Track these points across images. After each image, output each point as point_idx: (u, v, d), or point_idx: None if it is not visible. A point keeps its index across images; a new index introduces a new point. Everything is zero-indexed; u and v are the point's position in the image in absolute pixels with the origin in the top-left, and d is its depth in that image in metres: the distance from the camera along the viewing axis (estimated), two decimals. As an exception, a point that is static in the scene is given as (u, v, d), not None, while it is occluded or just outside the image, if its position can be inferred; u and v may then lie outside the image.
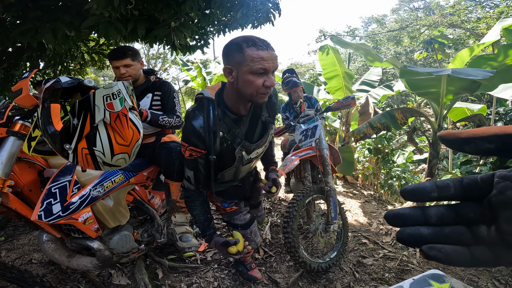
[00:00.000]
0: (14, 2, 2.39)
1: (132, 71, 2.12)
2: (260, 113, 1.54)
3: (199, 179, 1.54)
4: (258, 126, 1.55)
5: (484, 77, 2.06)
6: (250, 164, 1.66)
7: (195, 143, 1.41)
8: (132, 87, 0.96)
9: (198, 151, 1.44)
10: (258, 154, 1.62)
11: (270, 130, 1.59)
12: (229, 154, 1.50)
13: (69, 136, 0.88)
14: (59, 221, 1.45)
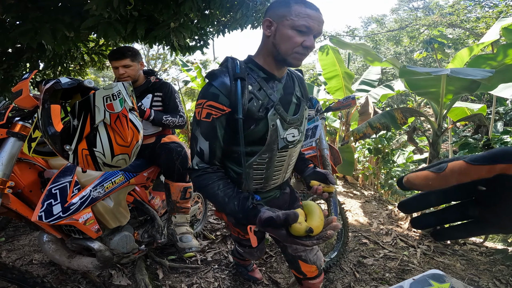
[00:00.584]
0: (14, 3, 2.39)
1: (131, 72, 2.12)
2: (293, 86, 1.27)
3: (215, 153, 1.12)
4: (292, 100, 1.24)
5: (484, 77, 2.06)
6: (285, 154, 1.25)
7: (215, 95, 1.06)
8: (132, 87, 0.96)
9: (219, 108, 1.06)
10: (294, 139, 1.25)
11: (304, 111, 1.28)
12: (260, 122, 1.13)
13: (69, 137, 0.88)
14: (60, 222, 1.45)
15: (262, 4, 3.11)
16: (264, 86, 1.16)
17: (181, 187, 2.04)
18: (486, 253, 2.78)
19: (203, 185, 1.10)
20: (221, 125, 1.09)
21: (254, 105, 1.11)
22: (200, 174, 1.11)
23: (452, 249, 2.83)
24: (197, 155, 1.12)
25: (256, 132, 1.14)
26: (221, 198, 1.05)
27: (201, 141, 1.11)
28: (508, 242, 3.14)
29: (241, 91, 1.07)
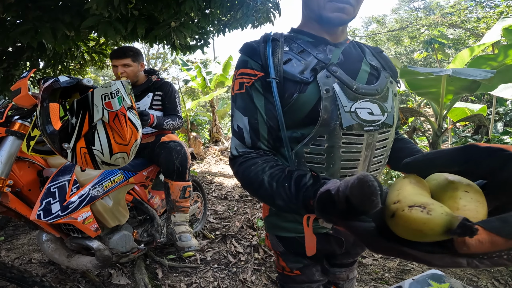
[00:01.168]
0: (14, 2, 2.39)
1: (130, 72, 2.12)
2: (363, 54, 0.93)
3: (258, 131, 0.82)
4: (362, 67, 0.89)
5: (485, 77, 2.06)
6: (358, 140, 0.82)
7: (244, 62, 0.85)
8: (130, 86, 0.96)
9: (250, 74, 0.83)
10: (374, 118, 0.84)
11: (389, 84, 0.90)
12: (306, 87, 0.80)
13: (67, 135, 0.88)
14: (58, 220, 1.45)
15: (262, 3, 3.11)
16: (309, 48, 0.87)
17: (180, 186, 2.04)
18: (485, 254, 2.77)
19: (246, 176, 0.76)
20: (259, 93, 0.82)
21: (294, 65, 0.82)
22: (242, 162, 0.79)
23: (452, 249, 2.83)
24: (235, 137, 0.84)
25: (303, 103, 0.80)
26: (267, 184, 0.70)
27: (239, 118, 0.84)
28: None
29: (272, 50, 0.83)
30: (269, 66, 0.81)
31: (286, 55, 0.84)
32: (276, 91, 0.79)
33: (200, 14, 2.90)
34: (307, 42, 0.88)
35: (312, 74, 0.80)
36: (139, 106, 2.19)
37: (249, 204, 3.94)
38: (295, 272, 1.03)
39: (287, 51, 0.85)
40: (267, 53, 0.82)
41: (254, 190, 0.75)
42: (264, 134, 0.82)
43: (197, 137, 7.21)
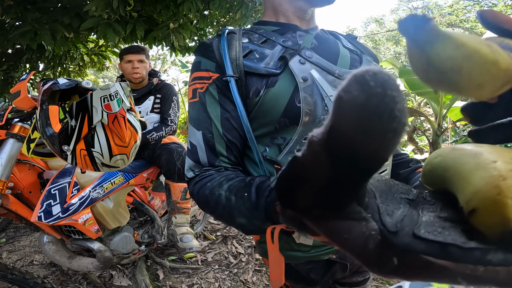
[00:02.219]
0: (13, 4, 2.39)
1: (143, 69, 2.15)
2: (338, 39, 0.80)
3: (213, 147, 0.66)
4: (341, 50, 0.75)
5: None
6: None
7: (197, 63, 0.71)
8: (129, 88, 0.96)
9: (203, 77, 0.69)
10: None
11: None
12: (276, 80, 0.65)
13: (67, 137, 0.88)
14: (59, 222, 1.45)
15: (261, 4, 3.11)
16: (273, 37, 0.72)
17: (181, 187, 2.04)
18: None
19: (201, 195, 0.61)
20: (214, 100, 0.67)
21: (256, 57, 0.68)
22: (197, 181, 0.64)
23: (453, 248, 2.83)
24: (189, 157, 0.68)
25: (274, 99, 0.65)
26: (225, 199, 0.56)
27: (192, 133, 0.69)
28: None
29: (228, 43, 0.69)
30: (225, 62, 0.66)
31: (245, 47, 0.69)
32: (237, 91, 0.65)
33: (199, 15, 2.91)
34: (271, 32, 0.74)
35: (281, 63, 0.66)
36: (140, 110, 2.19)
37: (249, 204, 3.94)
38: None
39: (246, 42, 0.70)
40: (221, 47, 0.68)
41: (211, 210, 0.60)
42: (221, 151, 0.66)
43: (197, 138, 7.21)
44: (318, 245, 0.73)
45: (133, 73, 2.11)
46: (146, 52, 2.16)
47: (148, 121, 2.22)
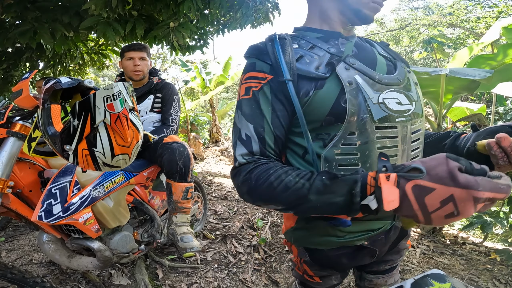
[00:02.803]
0: (13, 3, 2.39)
1: (145, 66, 2.16)
2: (373, 47, 0.90)
3: (264, 140, 0.76)
4: (378, 57, 0.85)
5: (482, 77, 2.06)
6: (392, 132, 0.78)
7: (251, 65, 0.80)
8: (132, 88, 0.96)
9: (258, 78, 0.78)
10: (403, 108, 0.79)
11: (408, 74, 0.87)
12: (324, 83, 0.75)
13: (69, 137, 0.88)
14: (60, 221, 1.45)
15: (262, 3, 3.11)
16: (319, 43, 0.81)
17: (183, 187, 2.04)
18: (485, 253, 2.78)
19: (260, 181, 0.69)
20: (266, 99, 0.76)
21: (307, 62, 0.77)
22: (253, 168, 0.72)
23: (452, 249, 2.84)
24: (243, 146, 0.76)
25: (322, 99, 0.74)
26: (294, 183, 0.66)
27: (245, 125, 0.77)
28: (508, 242, 3.14)
29: (281, 48, 0.77)
30: (281, 65, 0.75)
31: (296, 52, 0.78)
32: (294, 93, 0.74)
33: (199, 14, 2.90)
34: (316, 38, 0.83)
35: (329, 69, 0.75)
36: (140, 109, 2.19)
37: (249, 204, 3.94)
38: (315, 279, 1.00)
39: (297, 48, 0.79)
40: (276, 52, 0.77)
41: (273, 196, 0.68)
42: (270, 143, 0.76)
43: (197, 137, 7.21)
44: (353, 231, 0.83)
45: (134, 70, 2.10)
46: (147, 50, 2.17)
47: (148, 120, 2.21)
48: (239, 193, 0.77)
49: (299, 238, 0.91)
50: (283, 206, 0.69)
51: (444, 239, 3.05)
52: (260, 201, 0.72)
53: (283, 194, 0.67)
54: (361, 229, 0.83)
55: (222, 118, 12.85)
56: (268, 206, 0.74)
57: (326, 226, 0.80)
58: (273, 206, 0.72)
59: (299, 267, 1.03)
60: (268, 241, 2.83)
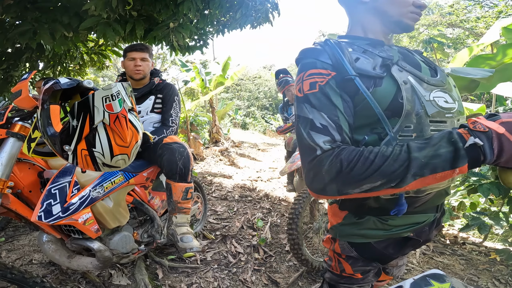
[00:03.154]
0: (13, 3, 2.39)
1: (146, 67, 2.16)
2: (411, 54, 0.99)
3: (341, 127, 0.80)
4: (420, 63, 0.95)
5: (483, 76, 2.06)
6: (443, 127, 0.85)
7: (312, 63, 0.86)
8: (131, 88, 0.96)
9: (322, 74, 0.83)
10: (450, 105, 0.88)
11: (447, 77, 0.96)
12: (381, 81, 0.84)
13: (68, 137, 0.88)
14: (59, 222, 1.45)
15: (261, 4, 3.11)
16: (370, 48, 0.91)
17: (182, 187, 2.04)
18: (485, 253, 2.78)
19: (352, 160, 0.71)
20: (335, 92, 0.81)
21: (364, 63, 0.85)
22: (338, 152, 0.74)
23: (452, 249, 2.84)
24: (322, 134, 0.78)
25: (381, 96, 0.82)
26: (390, 151, 0.69)
27: (317, 116, 0.80)
28: (508, 241, 3.14)
29: (341, 50, 0.85)
30: (344, 65, 0.82)
31: (353, 54, 0.86)
32: (363, 85, 0.81)
33: (199, 15, 2.90)
34: (366, 44, 0.92)
35: (384, 70, 0.84)
36: (140, 110, 2.19)
37: (249, 204, 3.95)
38: (356, 275, 1.05)
39: (352, 51, 0.87)
40: (337, 53, 0.84)
41: (373, 167, 0.69)
42: (346, 131, 0.80)
43: (197, 137, 7.21)
44: (400, 225, 0.91)
45: (135, 70, 2.11)
46: (149, 51, 2.17)
47: (148, 120, 2.22)
48: (319, 182, 0.76)
49: (345, 232, 0.98)
50: (383, 179, 0.68)
51: (444, 239, 3.06)
52: (353, 181, 0.71)
53: (383, 164, 0.68)
54: (407, 222, 0.92)
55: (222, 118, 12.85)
56: (360, 187, 0.71)
57: (375, 220, 0.91)
58: (368, 185, 0.70)
59: (335, 267, 1.08)
60: (268, 241, 2.83)
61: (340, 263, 1.06)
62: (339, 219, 1.00)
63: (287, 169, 2.58)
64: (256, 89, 26.39)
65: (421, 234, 0.96)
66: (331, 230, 1.05)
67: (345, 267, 1.05)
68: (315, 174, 0.77)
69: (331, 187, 0.74)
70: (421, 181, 0.67)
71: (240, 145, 10.17)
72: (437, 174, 0.65)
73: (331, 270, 1.11)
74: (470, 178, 2.82)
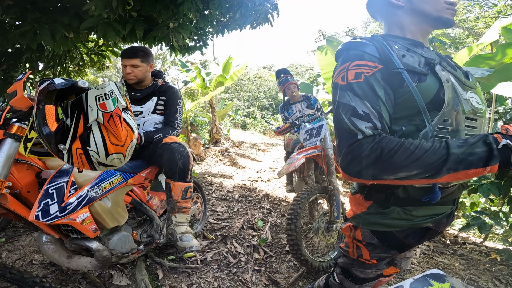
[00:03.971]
0: (13, 4, 2.40)
1: (139, 72, 2.14)
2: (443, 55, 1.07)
3: (382, 116, 0.85)
4: (455, 67, 1.03)
5: (483, 75, 2.06)
6: (474, 125, 0.94)
7: (359, 55, 0.90)
8: (125, 88, 0.96)
9: (368, 65, 0.88)
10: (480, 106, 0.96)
11: (475, 82, 1.05)
12: (426, 77, 0.91)
13: (63, 136, 0.89)
14: (57, 221, 1.45)
15: (261, 4, 3.11)
16: (413, 47, 0.97)
17: (182, 186, 2.05)
18: (485, 253, 2.77)
19: (393, 148, 0.77)
20: (379, 84, 0.87)
21: (410, 60, 0.91)
22: (380, 139, 0.80)
23: (452, 248, 2.83)
24: (362, 120, 0.83)
25: (424, 91, 0.88)
26: (430, 145, 0.76)
27: (360, 103, 0.85)
28: (508, 241, 3.14)
29: (389, 46, 0.91)
30: (393, 59, 0.88)
31: (399, 51, 0.92)
32: (410, 79, 0.87)
33: (199, 15, 2.90)
34: (407, 44, 0.98)
35: (428, 68, 0.92)
36: (142, 110, 2.20)
37: (249, 204, 3.94)
38: (372, 261, 1.12)
39: (398, 48, 0.93)
40: (385, 48, 0.90)
41: (412, 157, 0.76)
42: (387, 120, 0.86)
43: (197, 138, 7.22)
44: (421, 215, 0.98)
45: (127, 77, 2.13)
46: (141, 56, 2.12)
47: (149, 121, 2.22)
48: (356, 165, 0.82)
49: (368, 221, 1.05)
50: (419, 170, 0.76)
51: (445, 239, 3.05)
52: (390, 169, 0.78)
53: (422, 156, 0.75)
54: (429, 213, 0.99)
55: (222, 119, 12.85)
56: (396, 174, 0.78)
57: (399, 210, 0.98)
58: (404, 173, 0.77)
59: (352, 252, 1.16)
60: (268, 242, 2.83)
61: (359, 249, 1.12)
62: (364, 208, 1.06)
63: (285, 171, 2.57)
64: (256, 89, 26.39)
65: (439, 225, 1.04)
66: (353, 218, 1.11)
67: (363, 253, 1.12)
68: (353, 158, 0.82)
69: (367, 171, 0.80)
70: (454, 175, 0.75)
71: (240, 145, 10.17)
72: (469, 171, 0.73)
73: (347, 255, 1.19)
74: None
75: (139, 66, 2.12)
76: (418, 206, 0.97)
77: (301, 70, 27.94)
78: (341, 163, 0.87)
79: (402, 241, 1.03)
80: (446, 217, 1.04)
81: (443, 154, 0.74)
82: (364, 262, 1.15)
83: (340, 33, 21.67)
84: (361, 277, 1.20)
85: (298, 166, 2.60)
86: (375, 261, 1.13)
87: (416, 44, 1.00)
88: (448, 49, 12.44)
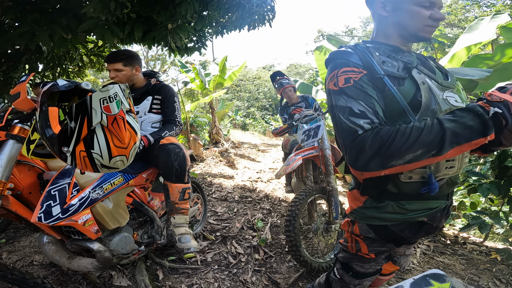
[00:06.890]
0: (12, 5, 2.40)
1: (122, 76, 2.11)
2: (426, 60, 1.15)
3: (377, 112, 0.93)
4: (435, 68, 1.11)
5: (481, 76, 2.07)
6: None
7: (345, 63, 0.99)
8: (129, 90, 0.96)
9: (355, 71, 0.97)
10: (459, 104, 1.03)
11: (456, 82, 1.12)
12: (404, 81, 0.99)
13: (67, 139, 0.89)
14: (59, 223, 1.46)
15: (258, 6, 3.11)
16: (393, 53, 1.05)
17: (179, 188, 2.05)
18: (486, 253, 2.78)
19: (392, 136, 0.83)
20: (368, 85, 0.95)
21: (389, 65, 1.00)
22: (378, 131, 0.86)
23: (452, 248, 2.84)
24: (359, 117, 0.90)
25: (405, 92, 0.97)
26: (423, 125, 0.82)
27: (355, 103, 0.92)
28: (509, 241, 3.14)
29: (370, 53, 1.00)
30: (374, 66, 0.97)
31: (379, 58, 1.01)
32: (391, 83, 0.96)
33: (197, 16, 2.91)
34: (389, 50, 1.06)
35: (405, 72, 1.00)
36: (138, 110, 2.20)
37: (249, 205, 3.95)
38: (370, 255, 1.18)
39: (378, 55, 1.02)
40: (367, 56, 0.99)
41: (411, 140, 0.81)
42: (381, 115, 0.93)
43: (197, 138, 7.22)
44: (415, 209, 1.03)
45: (114, 81, 2.12)
46: (123, 59, 2.09)
47: (147, 121, 2.22)
48: (362, 159, 0.87)
49: (365, 215, 1.10)
50: (423, 148, 0.81)
51: (445, 238, 3.06)
52: (395, 153, 0.83)
53: (420, 135, 0.81)
54: (422, 207, 1.04)
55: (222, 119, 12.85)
56: (403, 158, 0.82)
57: (393, 205, 1.03)
58: (410, 155, 0.82)
59: (351, 247, 1.21)
60: (268, 242, 2.83)
61: (357, 243, 1.18)
62: (360, 203, 1.12)
63: (283, 172, 2.57)
64: (255, 89, 26.39)
65: (434, 219, 1.09)
66: (351, 214, 1.17)
67: (361, 247, 1.17)
68: (358, 152, 0.88)
69: (375, 161, 0.85)
70: (459, 148, 0.80)
71: (240, 146, 10.17)
72: (472, 142, 0.78)
73: (346, 250, 1.25)
74: (470, 177, 2.82)
75: (122, 70, 2.10)
76: (411, 200, 1.03)
77: (301, 71, 27.97)
78: (348, 161, 0.92)
79: (398, 234, 1.08)
80: (441, 211, 1.09)
81: (439, 130, 0.79)
82: (363, 256, 1.19)
83: (340, 33, 21.68)
84: (361, 272, 1.25)
85: (296, 167, 2.60)
86: (373, 255, 1.17)
87: (397, 50, 1.07)
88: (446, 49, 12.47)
